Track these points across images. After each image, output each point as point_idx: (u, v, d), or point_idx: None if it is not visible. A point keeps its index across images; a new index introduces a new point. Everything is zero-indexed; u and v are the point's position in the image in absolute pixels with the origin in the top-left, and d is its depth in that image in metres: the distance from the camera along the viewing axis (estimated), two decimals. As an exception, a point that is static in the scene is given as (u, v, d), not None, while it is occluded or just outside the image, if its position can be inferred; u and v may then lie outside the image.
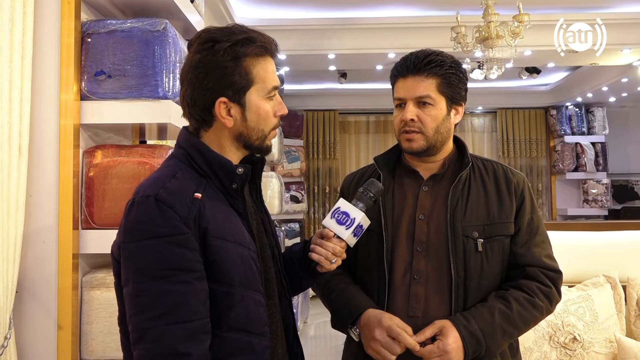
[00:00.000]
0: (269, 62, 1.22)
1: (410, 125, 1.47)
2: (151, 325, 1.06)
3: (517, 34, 4.25)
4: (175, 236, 1.08)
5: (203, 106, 1.19)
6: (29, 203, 1.82)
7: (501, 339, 1.40)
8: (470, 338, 1.35)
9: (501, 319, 1.39)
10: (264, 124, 1.22)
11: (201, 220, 1.11)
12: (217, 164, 1.19)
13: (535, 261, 1.47)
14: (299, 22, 5.41)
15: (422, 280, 1.44)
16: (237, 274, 1.14)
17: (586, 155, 7.88)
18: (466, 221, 1.45)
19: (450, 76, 1.48)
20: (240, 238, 1.17)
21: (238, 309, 1.14)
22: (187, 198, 1.12)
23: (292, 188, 7.22)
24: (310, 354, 5.10)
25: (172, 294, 1.06)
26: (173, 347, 1.05)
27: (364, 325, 1.41)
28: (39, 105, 1.84)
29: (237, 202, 1.20)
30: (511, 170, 1.56)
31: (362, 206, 1.35)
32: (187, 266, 1.08)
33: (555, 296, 1.48)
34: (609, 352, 2.09)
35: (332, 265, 1.32)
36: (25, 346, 1.83)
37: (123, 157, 1.90)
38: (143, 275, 1.08)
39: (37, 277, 1.84)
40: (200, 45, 1.18)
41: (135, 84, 1.90)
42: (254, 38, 1.19)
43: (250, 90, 1.19)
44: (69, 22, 1.85)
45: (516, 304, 1.41)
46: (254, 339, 1.16)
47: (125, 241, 1.11)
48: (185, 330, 1.06)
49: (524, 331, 1.47)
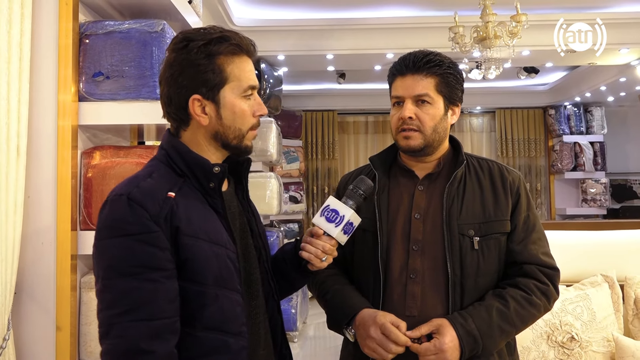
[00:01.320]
0: (245, 61, 1.23)
1: (409, 124, 1.48)
2: (117, 321, 1.06)
3: (515, 34, 4.25)
4: (145, 234, 1.09)
5: (178, 104, 1.20)
6: (27, 204, 1.82)
7: (498, 338, 1.40)
8: (467, 337, 1.35)
9: (499, 317, 1.39)
10: (240, 122, 1.22)
11: (173, 219, 1.12)
12: (195, 164, 1.20)
13: (532, 259, 1.47)
14: (297, 22, 5.41)
15: (418, 279, 1.44)
16: (211, 273, 1.14)
17: (585, 155, 7.89)
18: (462, 219, 1.45)
19: (448, 76, 1.49)
20: (216, 237, 1.17)
21: (212, 308, 1.14)
22: (159, 197, 1.12)
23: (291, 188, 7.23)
24: (310, 354, 5.10)
25: (139, 291, 1.07)
26: (136, 344, 1.05)
27: (359, 324, 1.42)
28: (37, 106, 1.84)
29: (216, 201, 1.20)
30: (506, 168, 1.56)
31: (352, 204, 1.35)
32: (155, 264, 1.09)
33: (552, 294, 1.47)
34: (606, 351, 2.09)
35: (322, 264, 1.32)
36: (24, 347, 1.83)
37: (121, 158, 1.90)
38: (112, 272, 1.09)
39: (36, 278, 1.84)
40: (175, 45, 1.20)
41: (133, 85, 1.90)
42: (228, 37, 1.20)
43: (225, 88, 1.20)
44: (66, 24, 1.86)
45: (513, 302, 1.41)
46: (230, 339, 1.15)
47: (97, 238, 1.13)
48: (150, 328, 1.06)
49: (522, 329, 1.46)
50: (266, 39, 5.42)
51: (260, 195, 4.51)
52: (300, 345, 5.23)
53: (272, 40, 5.47)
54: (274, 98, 5.94)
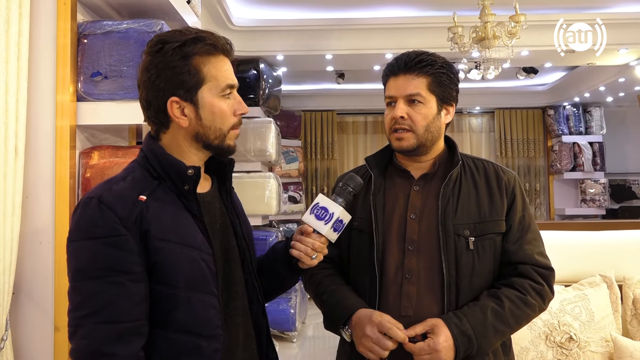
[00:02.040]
0: (221, 61, 1.22)
1: (401, 123, 1.48)
2: (82, 322, 1.08)
3: (514, 34, 4.25)
4: (111, 237, 1.09)
5: (157, 108, 1.20)
6: (26, 204, 1.82)
7: (493, 338, 1.40)
8: (462, 337, 1.35)
9: (493, 317, 1.39)
10: (220, 122, 1.22)
11: (143, 222, 1.12)
12: (169, 166, 1.19)
13: (527, 258, 1.47)
14: (296, 22, 5.41)
15: (413, 279, 1.44)
16: (182, 276, 1.14)
17: (584, 155, 7.89)
18: (457, 219, 1.45)
19: (441, 76, 1.49)
20: (189, 240, 1.16)
21: (183, 310, 1.14)
22: (129, 200, 1.13)
23: (290, 188, 7.22)
24: (309, 354, 5.10)
25: (104, 294, 1.08)
26: (98, 347, 1.07)
27: (355, 324, 1.42)
28: (35, 106, 1.84)
29: (191, 203, 1.20)
30: (502, 168, 1.56)
31: (341, 201, 1.35)
32: (122, 267, 1.09)
33: (547, 294, 1.47)
34: (605, 351, 2.09)
35: (312, 261, 1.33)
36: (22, 348, 1.83)
37: (120, 158, 1.90)
38: (79, 274, 1.10)
39: (34, 278, 1.84)
40: (150, 48, 1.19)
41: (131, 85, 1.90)
42: (202, 37, 1.19)
43: (202, 88, 1.19)
44: (65, 24, 1.85)
45: (508, 302, 1.41)
46: (202, 342, 1.15)
47: (68, 240, 1.14)
48: (113, 331, 1.07)
49: (517, 329, 1.47)
50: (265, 39, 5.42)
51: (259, 195, 4.50)
52: (299, 346, 5.23)
53: (271, 40, 5.47)
54: (273, 98, 5.93)
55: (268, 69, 5.78)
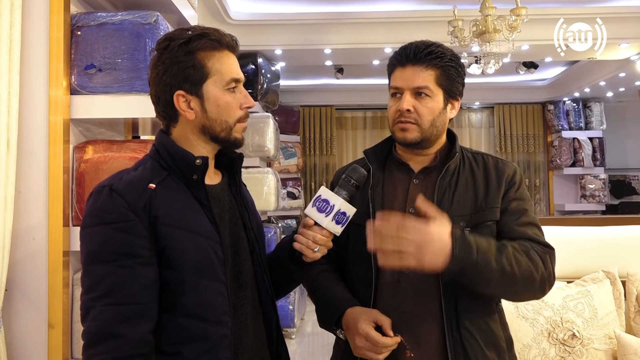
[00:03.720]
0: (226, 56, 1.27)
1: (406, 116, 1.44)
2: (92, 304, 1.12)
3: (515, 27, 4.21)
4: (121, 223, 1.14)
5: (165, 102, 1.25)
6: (18, 199, 1.78)
7: (493, 264, 1.29)
8: (462, 241, 1.26)
9: (497, 250, 1.31)
10: (226, 115, 1.26)
11: (152, 209, 1.16)
12: (178, 157, 1.24)
13: (523, 235, 1.40)
14: (295, 16, 5.36)
15: (410, 273, 1.40)
16: (189, 261, 1.17)
17: (584, 151, 7.87)
18: (452, 212, 1.40)
19: (449, 69, 1.45)
20: (197, 227, 1.20)
21: (191, 295, 1.17)
22: (139, 188, 1.18)
23: (289, 184, 7.21)
24: (307, 351, 5.09)
25: (114, 276, 1.12)
26: (107, 328, 1.10)
27: (346, 328, 1.40)
28: (28, 99, 1.80)
29: (199, 192, 1.24)
30: (502, 160, 1.52)
31: (344, 194, 1.33)
32: (130, 251, 1.13)
33: (548, 267, 1.37)
34: (608, 348, 2.06)
35: (315, 254, 1.31)
36: (16, 345, 1.80)
37: (114, 152, 1.87)
38: (91, 259, 1.15)
39: (27, 274, 1.80)
40: (158, 46, 1.25)
41: (126, 78, 1.87)
42: (207, 33, 1.24)
43: (207, 82, 1.24)
44: (58, 15, 1.82)
45: (512, 248, 1.34)
46: (210, 327, 1.18)
47: (81, 227, 1.19)
48: (121, 312, 1.11)
49: (517, 279, 1.32)
50: (263, 33, 5.38)
51: (257, 191, 4.47)
52: (298, 342, 5.21)
53: (269, 34, 5.43)
54: (272, 93, 5.89)
55: (266, 63, 5.74)
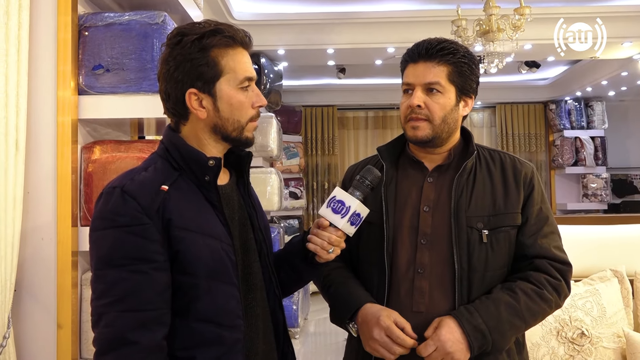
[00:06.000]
0: (240, 53, 1.23)
1: (417, 112, 1.43)
2: (105, 310, 1.09)
3: (519, 27, 4.21)
4: (135, 226, 1.10)
5: (176, 99, 1.21)
6: (27, 200, 1.78)
7: (509, 333, 1.35)
8: (475, 332, 1.30)
9: (507, 312, 1.34)
10: (238, 114, 1.22)
11: (165, 212, 1.13)
12: (190, 157, 1.20)
13: (543, 252, 1.41)
14: (297, 16, 5.36)
15: (426, 273, 1.40)
16: (203, 265, 1.15)
17: (585, 150, 7.87)
18: (470, 212, 1.40)
19: (462, 65, 1.44)
20: (209, 230, 1.17)
21: (205, 300, 1.15)
22: (152, 190, 1.14)
23: (291, 184, 7.21)
24: (311, 351, 5.08)
25: (127, 282, 1.09)
26: (122, 334, 1.07)
27: (362, 322, 1.38)
28: (36, 100, 1.81)
29: (211, 194, 1.21)
30: (519, 160, 1.51)
31: (359, 194, 1.32)
32: (144, 256, 1.10)
33: (564, 289, 1.43)
34: (617, 347, 2.06)
35: (329, 255, 1.30)
36: (25, 345, 1.80)
37: (122, 152, 1.87)
38: (102, 263, 1.11)
39: (36, 275, 1.80)
40: (169, 40, 1.21)
41: (133, 78, 1.86)
42: (221, 29, 1.20)
43: (220, 80, 1.20)
44: (65, 16, 1.82)
45: (524, 296, 1.36)
46: (224, 331, 1.16)
47: (91, 229, 1.15)
48: (136, 319, 1.08)
49: (532, 325, 1.41)
50: (266, 33, 5.38)
51: (260, 191, 4.47)
52: (302, 342, 5.21)
53: (272, 34, 5.43)
54: (274, 93, 5.90)
55: (269, 63, 5.74)
